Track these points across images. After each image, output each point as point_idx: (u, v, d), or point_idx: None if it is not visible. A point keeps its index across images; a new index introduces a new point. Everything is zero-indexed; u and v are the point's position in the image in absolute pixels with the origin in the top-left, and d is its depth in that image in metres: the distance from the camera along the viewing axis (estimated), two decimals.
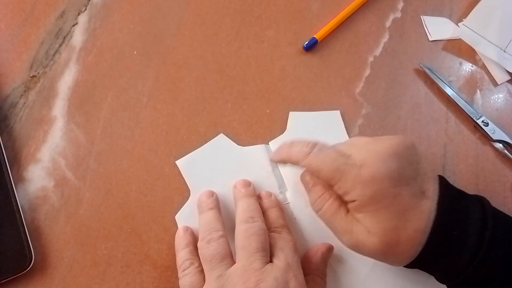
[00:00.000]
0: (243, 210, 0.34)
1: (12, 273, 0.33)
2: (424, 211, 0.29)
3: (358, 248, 0.31)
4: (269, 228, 0.33)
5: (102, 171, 0.37)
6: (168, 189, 0.37)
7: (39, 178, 0.37)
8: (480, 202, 0.31)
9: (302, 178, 0.36)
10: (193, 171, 0.37)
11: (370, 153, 0.30)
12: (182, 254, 0.33)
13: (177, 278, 0.35)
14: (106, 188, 0.37)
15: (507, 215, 0.31)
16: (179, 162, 0.38)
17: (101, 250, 0.35)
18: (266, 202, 0.36)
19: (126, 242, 0.36)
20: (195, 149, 0.38)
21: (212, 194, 0.36)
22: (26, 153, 0.37)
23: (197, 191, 0.37)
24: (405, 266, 0.31)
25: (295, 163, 0.34)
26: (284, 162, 0.36)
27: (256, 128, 0.40)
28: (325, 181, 0.32)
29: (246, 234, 0.31)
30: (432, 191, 0.30)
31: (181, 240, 0.34)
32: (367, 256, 0.31)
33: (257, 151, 0.38)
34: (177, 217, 0.36)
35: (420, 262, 0.30)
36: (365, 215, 0.30)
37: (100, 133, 0.39)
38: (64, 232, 0.36)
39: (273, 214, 0.35)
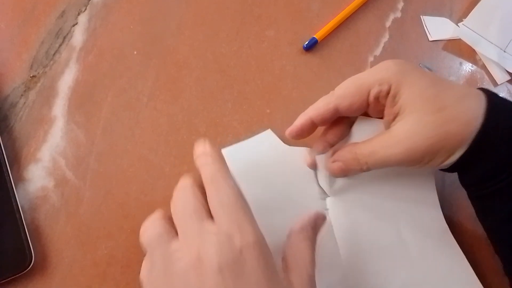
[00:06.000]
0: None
1: (12, 273, 0.33)
2: (466, 86, 0.30)
3: (409, 141, 0.29)
4: None
5: (102, 171, 0.37)
6: (168, 189, 0.37)
7: (39, 178, 0.37)
8: None
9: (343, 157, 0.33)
10: (235, 163, 0.34)
11: None
12: None
13: None
14: (106, 188, 0.37)
15: None
16: (225, 151, 0.35)
17: (101, 250, 0.35)
18: None
19: (126, 242, 0.36)
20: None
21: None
22: (26, 153, 0.37)
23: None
24: (453, 166, 0.30)
25: (324, 114, 0.33)
26: (317, 120, 0.34)
27: (256, 128, 0.40)
28: (356, 97, 0.32)
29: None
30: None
31: None
32: (422, 150, 0.29)
33: (302, 153, 0.37)
34: None
35: (475, 148, 0.29)
36: (403, 101, 0.30)
37: (100, 133, 0.39)
38: (64, 232, 0.35)
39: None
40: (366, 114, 0.35)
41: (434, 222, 0.36)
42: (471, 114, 0.29)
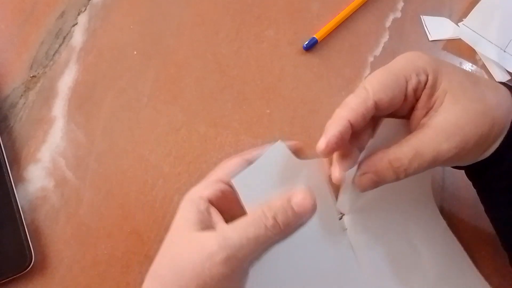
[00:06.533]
0: None
1: (12, 273, 0.33)
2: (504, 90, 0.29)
3: (461, 132, 0.26)
4: None
5: (102, 171, 0.37)
6: (168, 189, 0.37)
7: (39, 178, 0.37)
8: None
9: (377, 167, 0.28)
10: (250, 190, 0.28)
11: None
12: None
13: None
14: (106, 188, 0.37)
15: None
16: (235, 180, 0.28)
17: (101, 250, 0.35)
18: None
19: (126, 242, 0.36)
20: (195, 149, 0.38)
21: None
22: (26, 153, 0.37)
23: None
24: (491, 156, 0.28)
25: (365, 114, 0.27)
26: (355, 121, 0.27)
27: (256, 128, 0.40)
28: (396, 90, 0.27)
29: None
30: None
31: None
32: (472, 142, 0.27)
33: (315, 166, 0.31)
34: None
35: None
36: (442, 90, 0.27)
37: (100, 133, 0.39)
38: (64, 232, 0.35)
39: None
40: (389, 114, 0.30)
41: (436, 224, 0.36)
42: (507, 102, 0.28)
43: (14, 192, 0.35)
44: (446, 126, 0.27)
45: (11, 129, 0.38)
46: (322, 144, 0.27)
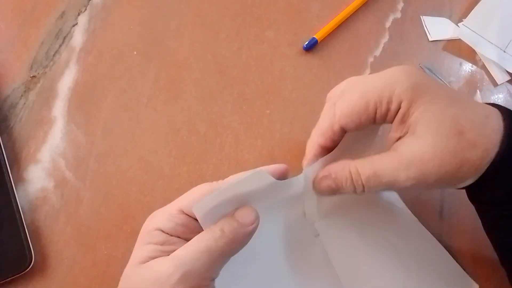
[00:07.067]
0: None
1: (12, 273, 0.33)
2: (487, 106, 0.27)
3: (421, 167, 0.26)
4: None
5: (102, 172, 0.37)
6: (168, 190, 0.37)
7: (39, 178, 0.37)
8: None
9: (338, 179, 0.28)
10: (211, 217, 0.26)
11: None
12: None
13: None
14: (106, 189, 0.37)
15: None
16: (195, 209, 0.26)
17: (101, 250, 0.35)
18: None
19: (126, 242, 0.36)
20: (195, 149, 0.38)
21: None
22: (26, 154, 0.37)
23: None
24: (478, 181, 0.27)
25: (333, 137, 0.29)
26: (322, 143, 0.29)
27: (256, 128, 0.40)
28: (363, 116, 0.27)
29: None
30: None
31: None
32: (433, 178, 0.26)
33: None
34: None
35: (487, 177, 0.26)
36: (414, 120, 0.26)
37: (100, 133, 0.39)
38: (64, 232, 0.36)
39: None
40: None
41: (406, 217, 0.36)
42: (489, 141, 0.26)
43: (14, 192, 0.35)
44: (409, 156, 0.26)
45: (11, 129, 0.38)
46: (304, 164, 0.31)
